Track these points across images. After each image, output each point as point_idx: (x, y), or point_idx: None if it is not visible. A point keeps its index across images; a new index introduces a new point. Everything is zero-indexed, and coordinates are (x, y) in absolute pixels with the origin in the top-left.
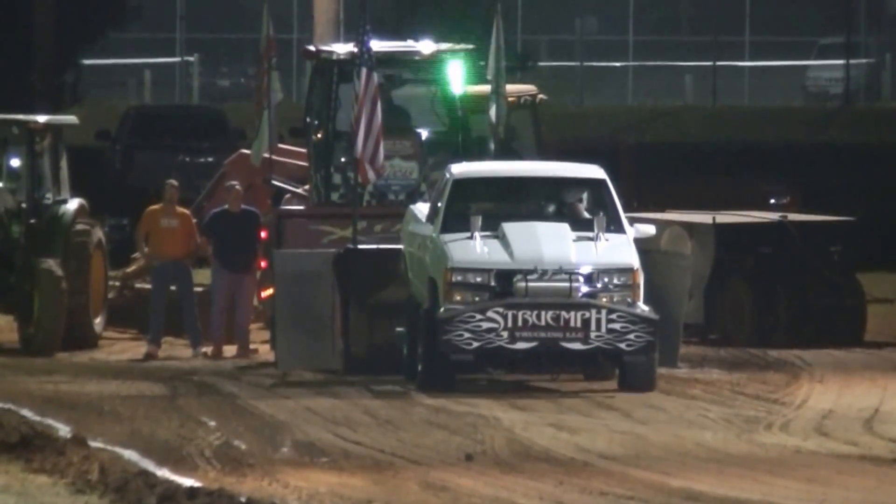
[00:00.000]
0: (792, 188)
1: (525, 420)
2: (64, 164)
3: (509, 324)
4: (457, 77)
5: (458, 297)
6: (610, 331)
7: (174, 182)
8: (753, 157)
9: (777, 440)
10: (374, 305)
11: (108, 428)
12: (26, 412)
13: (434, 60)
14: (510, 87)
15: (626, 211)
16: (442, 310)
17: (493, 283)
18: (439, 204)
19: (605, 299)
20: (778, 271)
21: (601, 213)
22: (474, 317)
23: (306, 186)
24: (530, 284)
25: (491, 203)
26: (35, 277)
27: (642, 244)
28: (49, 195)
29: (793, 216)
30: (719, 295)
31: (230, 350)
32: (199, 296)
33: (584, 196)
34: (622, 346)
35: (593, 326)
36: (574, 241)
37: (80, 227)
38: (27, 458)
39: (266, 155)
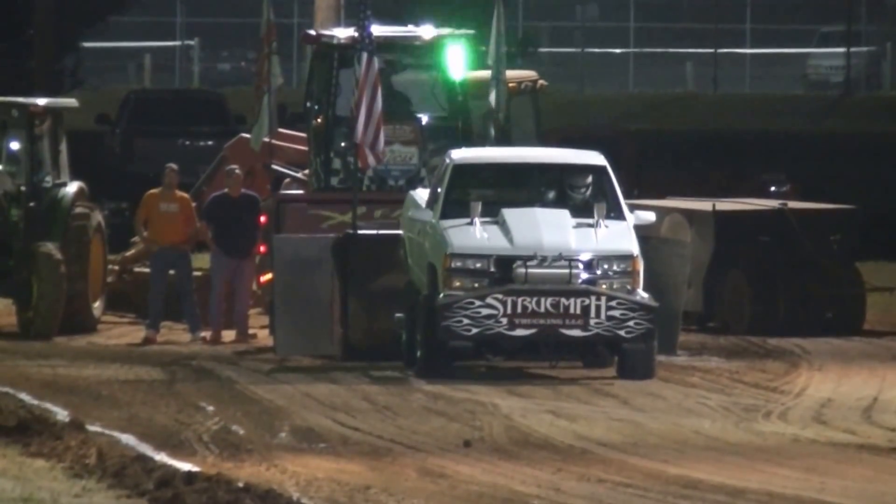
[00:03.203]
0: (792, 176)
1: (523, 407)
2: (63, 147)
3: (508, 310)
4: (457, 63)
5: (458, 284)
6: (609, 318)
7: (174, 166)
8: (754, 145)
9: (775, 429)
10: (373, 291)
11: (106, 412)
12: (24, 396)
13: (435, 46)
14: (510, 73)
15: (626, 198)
16: (441, 296)
17: (492, 270)
18: (439, 190)
19: (604, 286)
20: (777, 260)
21: (601, 200)
22: (473, 303)
23: (306, 171)
24: (530, 271)
25: (491, 189)
26: (34, 261)
27: (642, 231)
28: (48, 179)
29: (793, 204)
30: (719, 283)
31: (229, 335)
32: (198, 281)
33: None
34: (621, 333)
35: (593, 313)
36: (574, 227)
37: (79, 211)
38: (25, 443)
39: (266, 140)
